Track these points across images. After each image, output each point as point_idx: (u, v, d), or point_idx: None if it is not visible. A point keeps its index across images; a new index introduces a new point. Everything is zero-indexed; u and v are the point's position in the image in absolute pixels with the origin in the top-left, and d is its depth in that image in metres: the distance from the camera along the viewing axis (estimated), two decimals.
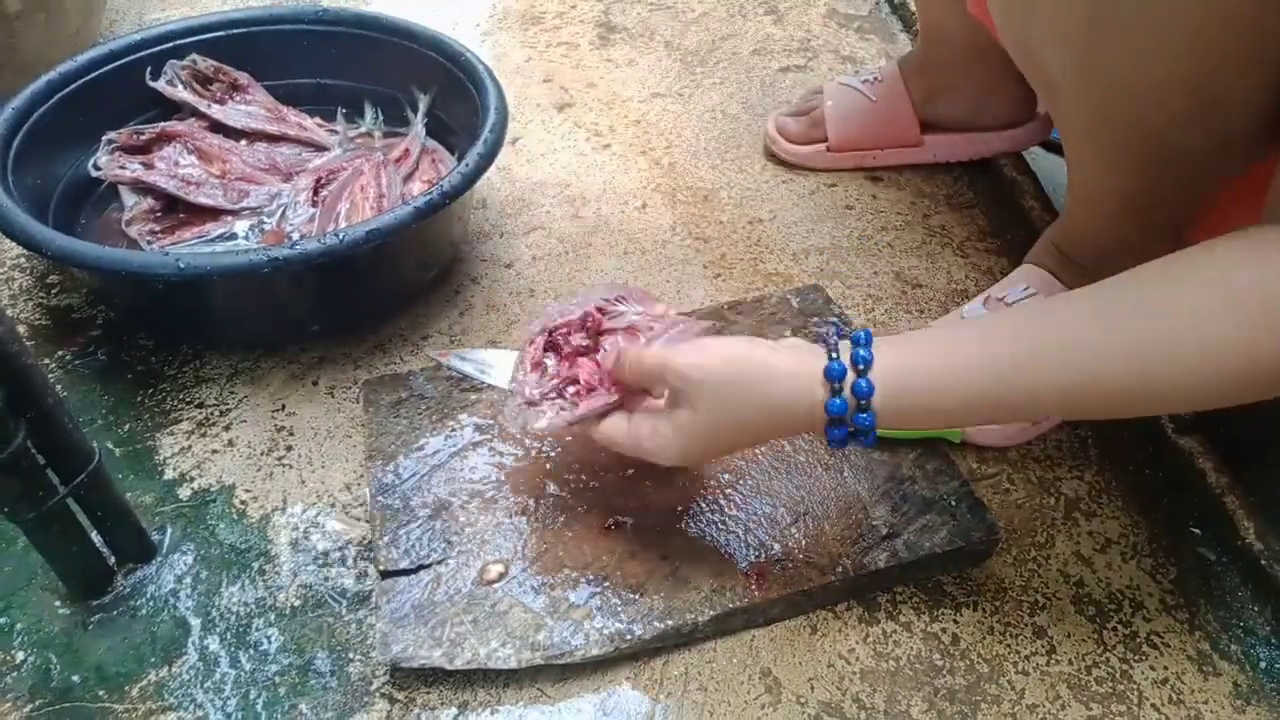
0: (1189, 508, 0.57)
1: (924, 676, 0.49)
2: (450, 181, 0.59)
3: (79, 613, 0.50)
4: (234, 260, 0.55)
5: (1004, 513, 0.56)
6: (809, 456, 0.56)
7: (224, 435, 0.59)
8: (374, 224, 0.56)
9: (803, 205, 0.79)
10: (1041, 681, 0.49)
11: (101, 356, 0.64)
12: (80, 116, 0.69)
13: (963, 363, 0.42)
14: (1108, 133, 0.50)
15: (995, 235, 0.76)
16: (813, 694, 0.48)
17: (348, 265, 0.58)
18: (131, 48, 0.72)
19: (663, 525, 0.52)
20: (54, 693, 0.47)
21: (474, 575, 0.49)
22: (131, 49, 0.72)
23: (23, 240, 0.56)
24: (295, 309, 0.63)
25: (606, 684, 0.48)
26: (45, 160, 0.66)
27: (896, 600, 0.52)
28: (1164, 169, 0.50)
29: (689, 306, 0.68)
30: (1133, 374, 0.39)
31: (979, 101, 0.78)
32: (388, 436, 0.56)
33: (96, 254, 0.55)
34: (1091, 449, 0.61)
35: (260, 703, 0.47)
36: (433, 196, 0.58)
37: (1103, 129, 0.50)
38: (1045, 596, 0.52)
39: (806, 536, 0.51)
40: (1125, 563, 0.54)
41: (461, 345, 0.65)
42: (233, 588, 0.51)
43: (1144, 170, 0.51)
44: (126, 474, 0.57)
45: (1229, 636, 0.51)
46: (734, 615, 0.49)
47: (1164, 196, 0.53)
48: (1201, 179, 0.51)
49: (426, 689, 0.47)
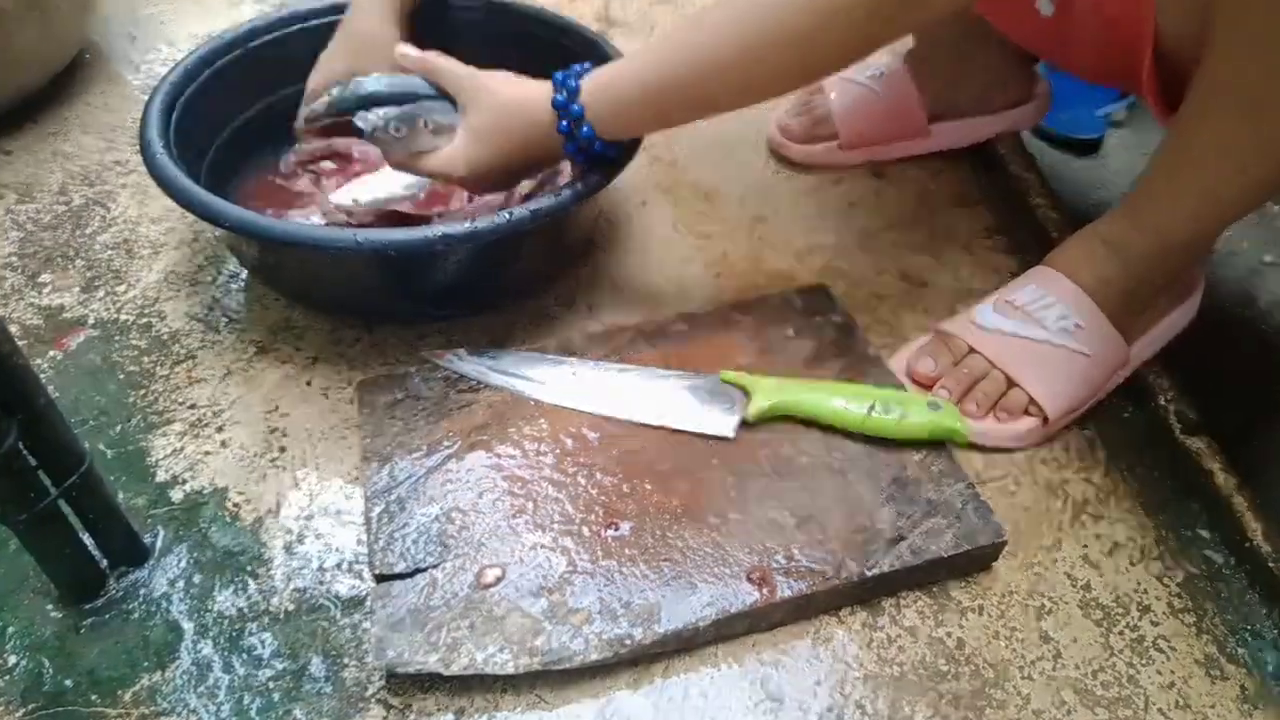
0: (1197, 510, 0.57)
1: (928, 682, 0.48)
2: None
3: (71, 616, 0.49)
4: (408, 237, 0.56)
5: (1010, 515, 0.56)
6: (812, 459, 0.55)
7: (217, 437, 0.58)
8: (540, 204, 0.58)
9: (806, 203, 0.78)
10: (1047, 686, 0.48)
11: (93, 357, 0.63)
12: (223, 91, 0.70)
13: (646, 60, 0.55)
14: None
15: (1001, 233, 0.76)
16: (815, 700, 0.47)
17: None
18: (270, 26, 0.72)
19: (663, 529, 0.51)
20: (46, 697, 0.46)
21: (471, 579, 0.49)
22: (270, 28, 0.72)
23: (201, 212, 0.57)
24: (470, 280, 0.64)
25: (606, 690, 0.47)
26: (197, 131, 0.67)
27: (901, 604, 0.51)
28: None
29: (690, 306, 0.67)
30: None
31: (985, 89, 0.78)
32: (383, 438, 0.56)
33: (272, 226, 0.57)
34: (1099, 451, 0.60)
35: (254, 708, 0.46)
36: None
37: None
38: (1052, 600, 0.52)
39: (810, 540, 0.51)
40: (1132, 566, 0.54)
41: (457, 344, 0.64)
42: (226, 591, 0.51)
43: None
44: (118, 476, 0.56)
45: (1236, 640, 0.51)
46: (736, 620, 0.48)
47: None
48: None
49: (423, 695, 0.47)
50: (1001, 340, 0.59)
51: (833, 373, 0.60)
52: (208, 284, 0.69)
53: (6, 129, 0.82)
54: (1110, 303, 0.59)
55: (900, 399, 0.56)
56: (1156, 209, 0.57)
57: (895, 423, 0.55)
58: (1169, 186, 0.57)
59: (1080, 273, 0.59)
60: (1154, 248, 0.58)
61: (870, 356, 0.61)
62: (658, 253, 0.73)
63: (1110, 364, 0.60)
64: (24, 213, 0.75)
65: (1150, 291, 0.60)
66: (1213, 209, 0.56)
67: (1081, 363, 0.58)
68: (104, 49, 0.94)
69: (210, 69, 0.69)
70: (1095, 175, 0.89)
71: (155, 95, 0.64)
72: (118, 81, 0.90)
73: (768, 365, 0.60)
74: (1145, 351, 0.63)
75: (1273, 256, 0.80)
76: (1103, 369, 0.59)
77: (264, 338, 0.65)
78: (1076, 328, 0.58)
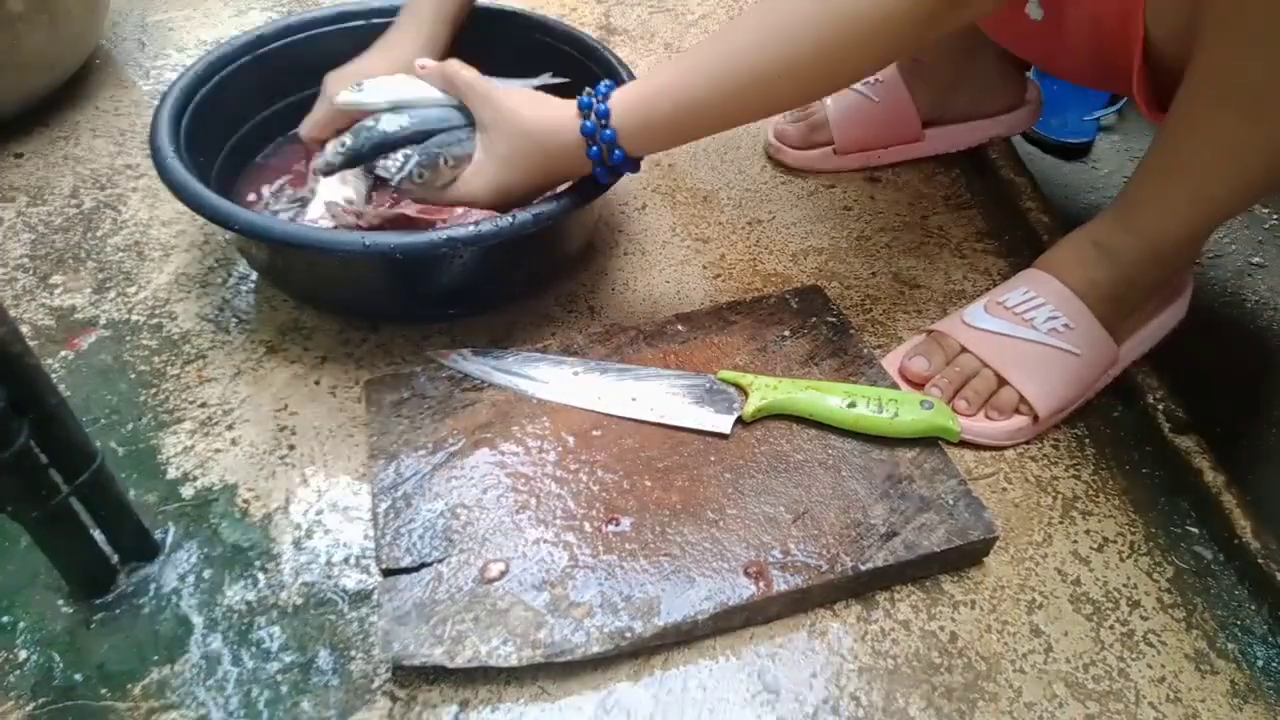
0: (1186, 506, 0.58)
1: (922, 674, 0.49)
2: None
3: (82, 611, 0.50)
4: (415, 240, 0.57)
5: (1002, 511, 0.57)
6: (807, 456, 0.56)
7: (227, 435, 0.59)
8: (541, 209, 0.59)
9: (801, 206, 0.79)
10: (1039, 680, 0.49)
11: (105, 357, 0.64)
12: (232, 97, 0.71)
13: (677, 79, 0.55)
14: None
15: (993, 236, 0.77)
16: (811, 692, 0.48)
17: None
18: (279, 33, 0.74)
19: (663, 524, 0.52)
20: (57, 691, 0.47)
21: (475, 573, 0.50)
22: (278, 35, 0.74)
23: (211, 216, 0.58)
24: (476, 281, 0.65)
25: (607, 682, 0.48)
26: (207, 136, 0.69)
27: (895, 598, 0.52)
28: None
29: (688, 307, 0.68)
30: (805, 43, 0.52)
31: (978, 94, 0.80)
32: (389, 436, 0.57)
33: (283, 230, 0.58)
34: (1089, 448, 0.61)
35: (262, 701, 0.47)
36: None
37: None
38: (1043, 595, 0.53)
39: (806, 535, 0.52)
40: (1122, 561, 0.55)
41: (461, 344, 0.65)
42: (235, 586, 0.52)
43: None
44: (129, 473, 0.57)
45: (1226, 635, 0.52)
46: (734, 613, 0.49)
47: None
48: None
49: (428, 687, 0.48)
50: (992, 340, 0.60)
51: (827, 372, 0.61)
52: (218, 285, 0.70)
53: (17, 133, 0.83)
54: (1100, 303, 0.59)
55: (893, 397, 0.57)
56: (1147, 211, 0.58)
57: (888, 421, 0.56)
58: (1160, 188, 0.57)
59: (1070, 274, 0.60)
60: (1144, 249, 0.58)
61: (864, 356, 0.62)
62: (657, 255, 0.74)
63: (1100, 364, 0.61)
64: (36, 215, 0.76)
65: (1140, 293, 0.61)
66: (1204, 210, 0.56)
67: (1071, 362, 0.59)
68: (113, 55, 0.95)
69: (219, 74, 0.70)
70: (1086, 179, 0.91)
71: (165, 100, 0.65)
72: (128, 86, 0.91)
73: (764, 365, 0.62)
74: (1134, 352, 0.63)
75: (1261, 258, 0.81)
76: (1092, 369, 0.60)
77: (273, 338, 0.66)
78: (1066, 328, 0.59)
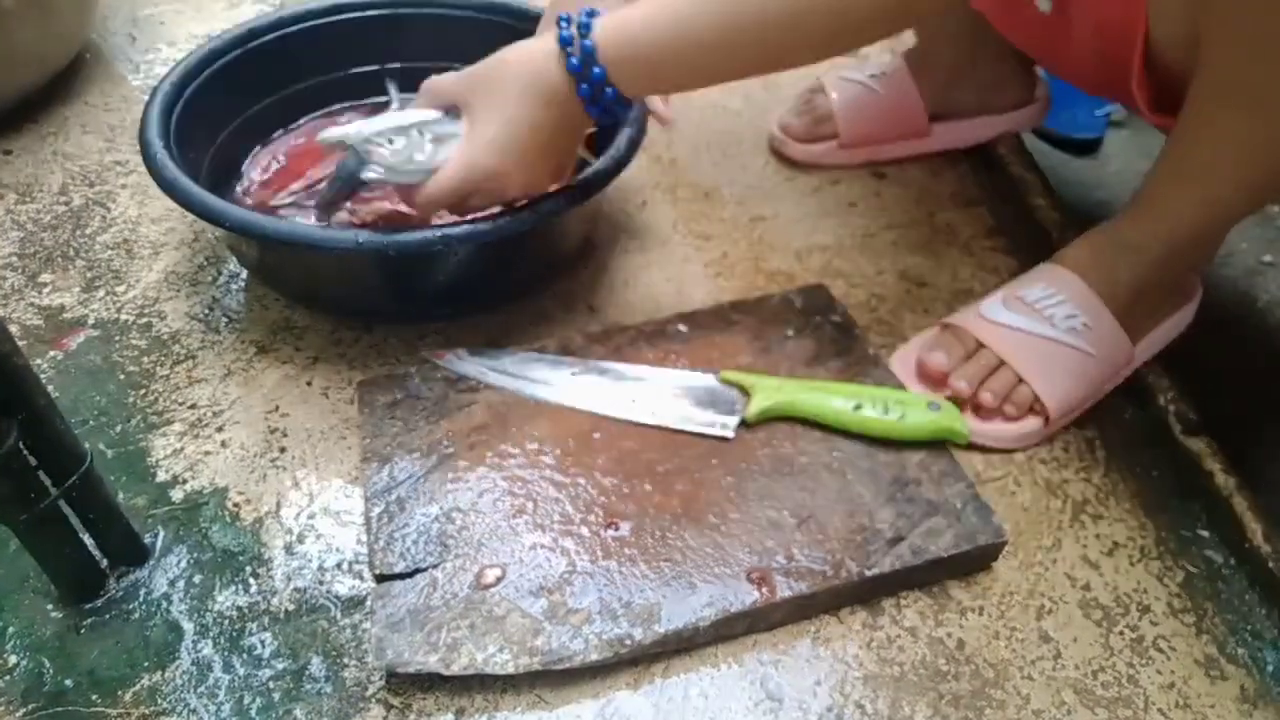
0: (1197, 510, 0.57)
1: (928, 682, 0.48)
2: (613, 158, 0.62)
3: (71, 616, 0.49)
4: (410, 238, 0.55)
5: (1010, 515, 0.56)
6: (812, 459, 0.55)
7: (217, 437, 0.58)
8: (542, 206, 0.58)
9: (805, 203, 0.78)
10: (1047, 686, 0.48)
11: (94, 357, 0.63)
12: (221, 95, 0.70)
13: (673, 10, 0.50)
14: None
15: (1001, 233, 0.76)
16: (815, 700, 0.47)
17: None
18: (270, 26, 0.72)
19: (664, 529, 0.51)
20: (46, 697, 0.46)
21: (471, 579, 0.49)
22: (270, 28, 0.72)
23: (201, 212, 0.57)
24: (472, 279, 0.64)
25: (606, 690, 0.47)
26: (198, 132, 0.67)
27: (901, 604, 0.51)
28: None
29: (689, 306, 0.67)
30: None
31: (985, 89, 0.79)
32: (383, 438, 0.56)
33: (275, 226, 0.57)
34: (1099, 451, 0.60)
35: (254, 708, 0.46)
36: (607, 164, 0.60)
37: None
38: (1052, 600, 0.52)
39: (810, 540, 0.51)
40: (1132, 566, 0.54)
41: (457, 344, 0.64)
42: (226, 591, 0.51)
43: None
44: (118, 476, 0.56)
45: (1236, 640, 0.51)
46: (736, 620, 0.48)
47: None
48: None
49: (423, 695, 0.47)
50: (1010, 335, 0.59)
51: (832, 373, 0.60)
52: (208, 284, 0.69)
53: (6, 129, 0.82)
54: (1118, 303, 0.59)
55: (900, 399, 0.56)
56: (1165, 211, 0.57)
57: (895, 423, 0.55)
58: (1172, 190, 0.57)
59: (1090, 273, 0.59)
60: (1163, 249, 0.58)
61: (870, 356, 0.61)
62: (657, 253, 0.73)
63: (1115, 364, 0.60)
64: (24, 213, 0.75)
65: (1157, 293, 0.61)
66: (1215, 211, 0.56)
67: (1087, 362, 0.58)
68: (104, 49, 0.94)
69: (210, 69, 0.69)
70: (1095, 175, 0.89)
71: (155, 95, 0.64)
72: (118, 82, 0.90)
73: (767, 365, 0.60)
74: (1145, 354, 0.63)
75: (1272, 257, 0.80)
76: (1106, 369, 0.60)
77: (264, 338, 0.65)
78: (1084, 327, 0.58)
